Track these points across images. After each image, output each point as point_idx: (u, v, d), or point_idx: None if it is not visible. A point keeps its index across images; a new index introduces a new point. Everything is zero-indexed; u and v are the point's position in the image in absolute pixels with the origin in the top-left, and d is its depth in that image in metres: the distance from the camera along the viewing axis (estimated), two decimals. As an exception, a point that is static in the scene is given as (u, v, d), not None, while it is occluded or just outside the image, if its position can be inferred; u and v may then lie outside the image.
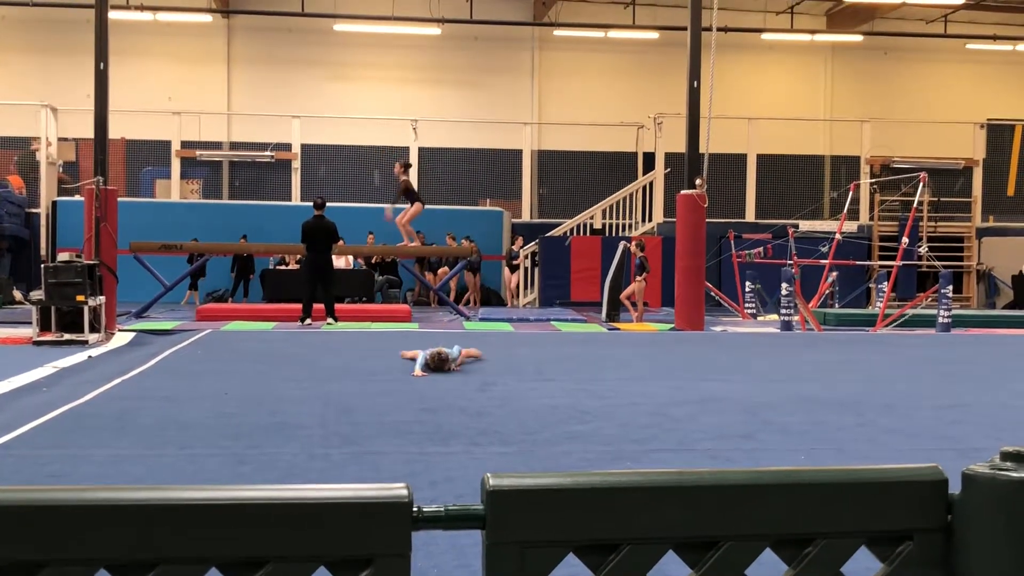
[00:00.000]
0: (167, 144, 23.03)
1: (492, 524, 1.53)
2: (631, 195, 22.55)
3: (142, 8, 23.02)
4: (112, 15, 14.65)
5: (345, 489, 1.51)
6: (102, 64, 13.94)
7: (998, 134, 25.18)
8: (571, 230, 22.08)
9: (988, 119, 24.83)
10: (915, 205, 16.90)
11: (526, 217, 23.84)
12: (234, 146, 24.42)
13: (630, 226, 22.33)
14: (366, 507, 1.49)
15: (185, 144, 23.10)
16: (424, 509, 1.53)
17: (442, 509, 1.54)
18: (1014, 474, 1.57)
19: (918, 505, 1.64)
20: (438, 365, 8.90)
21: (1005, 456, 1.60)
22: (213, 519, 1.45)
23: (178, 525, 1.44)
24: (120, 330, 13.26)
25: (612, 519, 1.56)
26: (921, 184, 16.22)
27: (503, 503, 1.53)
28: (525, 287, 21.80)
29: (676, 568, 1.68)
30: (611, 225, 22.39)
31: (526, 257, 21.75)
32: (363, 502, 1.49)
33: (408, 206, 16.36)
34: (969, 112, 24.92)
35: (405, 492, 1.50)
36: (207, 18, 24.30)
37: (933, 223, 23.26)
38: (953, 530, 1.64)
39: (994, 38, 25.73)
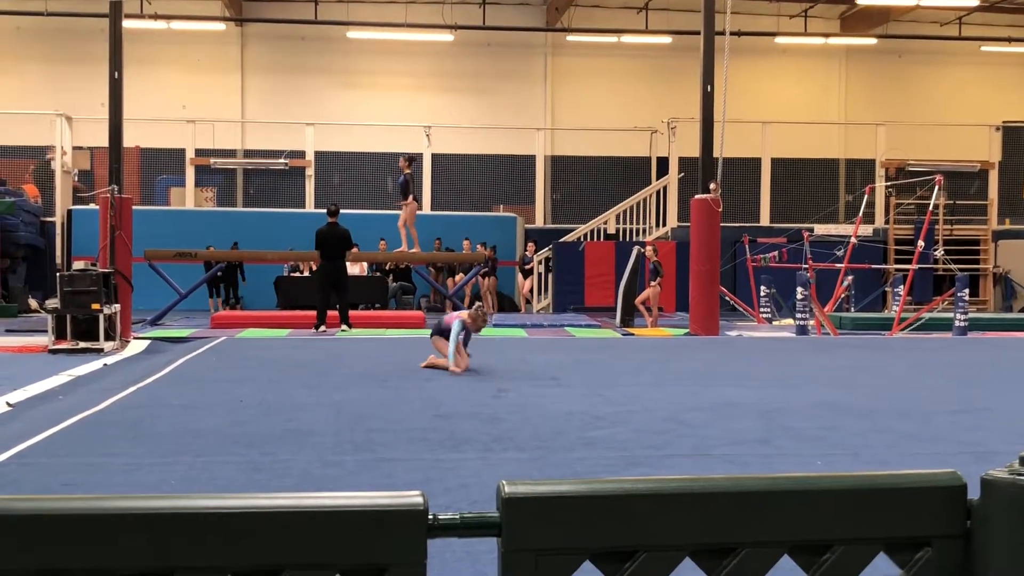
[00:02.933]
0: (181, 152, 23.11)
1: (508, 531, 1.52)
2: (645, 200, 22.50)
3: (156, 17, 23.11)
4: (126, 24, 14.71)
5: (360, 497, 1.51)
6: (116, 73, 14.01)
7: (1014, 136, 25.04)
8: (585, 235, 22.04)
9: (1004, 121, 24.69)
10: (931, 208, 16.79)
11: (539, 223, 23.79)
12: (248, 154, 24.50)
13: (644, 231, 22.29)
14: (382, 515, 1.48)
15: (199, 152, 23.17)
16: (439, 517, 1.52)
17: (457, 517, 1.54)
18: (1034, 480, 1.55)
19: (937, 511, 1.63)
20: (478, 320, 9.37)
21: (1025, 461, 1.58)
22: (229, 528, 1.45)
23: (194, 534, 1.44)
24: (135, 338, 13.31)
25: (628, 526, 1.55)
26: (936, 187, 16.14)
27: (519, 510, 1.52)
28: (539, 292, 21.78)
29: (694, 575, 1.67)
30: (625, 230, 22.34)
31: (539, 263, 21.72)
32: (379, 510, 1.49)
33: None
34: (984, 114, 24.79)
35: (420, 500, 1.50)
36: (221, 27, 24.40)
37: (949, 226, 23.14)
38: (972, 536, 1.63)
39: (1008, 40, 25.61)
